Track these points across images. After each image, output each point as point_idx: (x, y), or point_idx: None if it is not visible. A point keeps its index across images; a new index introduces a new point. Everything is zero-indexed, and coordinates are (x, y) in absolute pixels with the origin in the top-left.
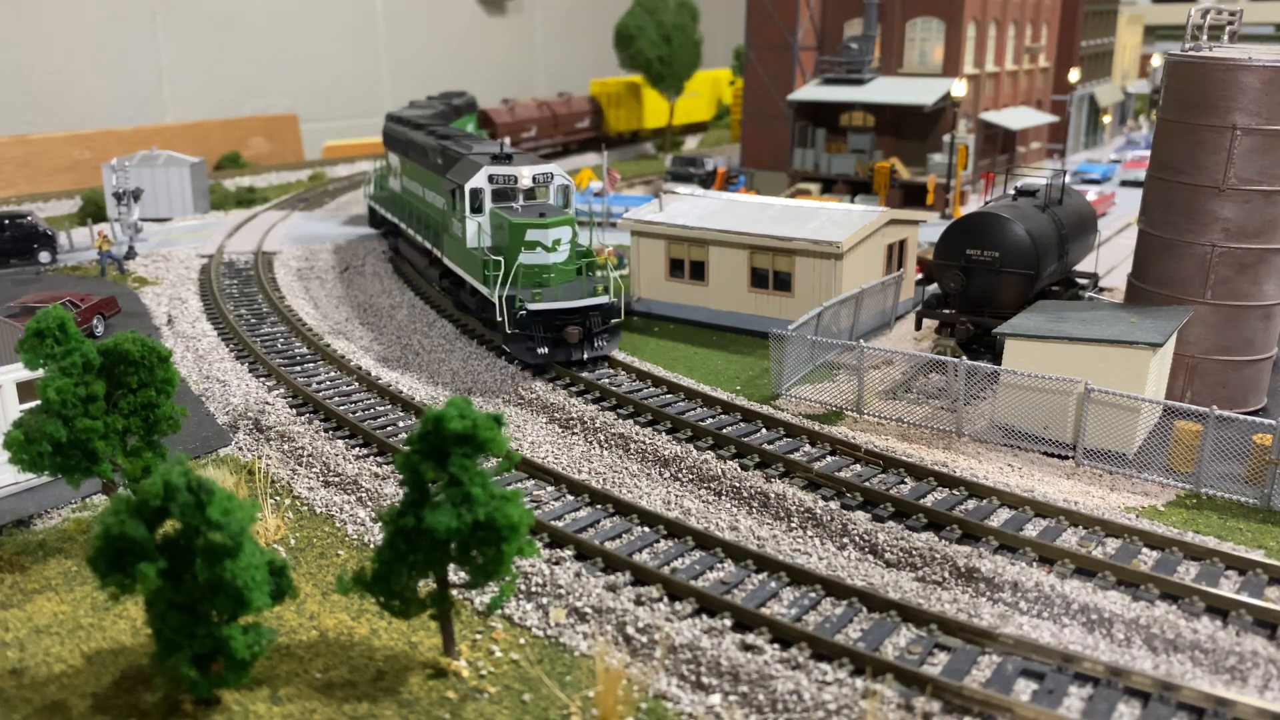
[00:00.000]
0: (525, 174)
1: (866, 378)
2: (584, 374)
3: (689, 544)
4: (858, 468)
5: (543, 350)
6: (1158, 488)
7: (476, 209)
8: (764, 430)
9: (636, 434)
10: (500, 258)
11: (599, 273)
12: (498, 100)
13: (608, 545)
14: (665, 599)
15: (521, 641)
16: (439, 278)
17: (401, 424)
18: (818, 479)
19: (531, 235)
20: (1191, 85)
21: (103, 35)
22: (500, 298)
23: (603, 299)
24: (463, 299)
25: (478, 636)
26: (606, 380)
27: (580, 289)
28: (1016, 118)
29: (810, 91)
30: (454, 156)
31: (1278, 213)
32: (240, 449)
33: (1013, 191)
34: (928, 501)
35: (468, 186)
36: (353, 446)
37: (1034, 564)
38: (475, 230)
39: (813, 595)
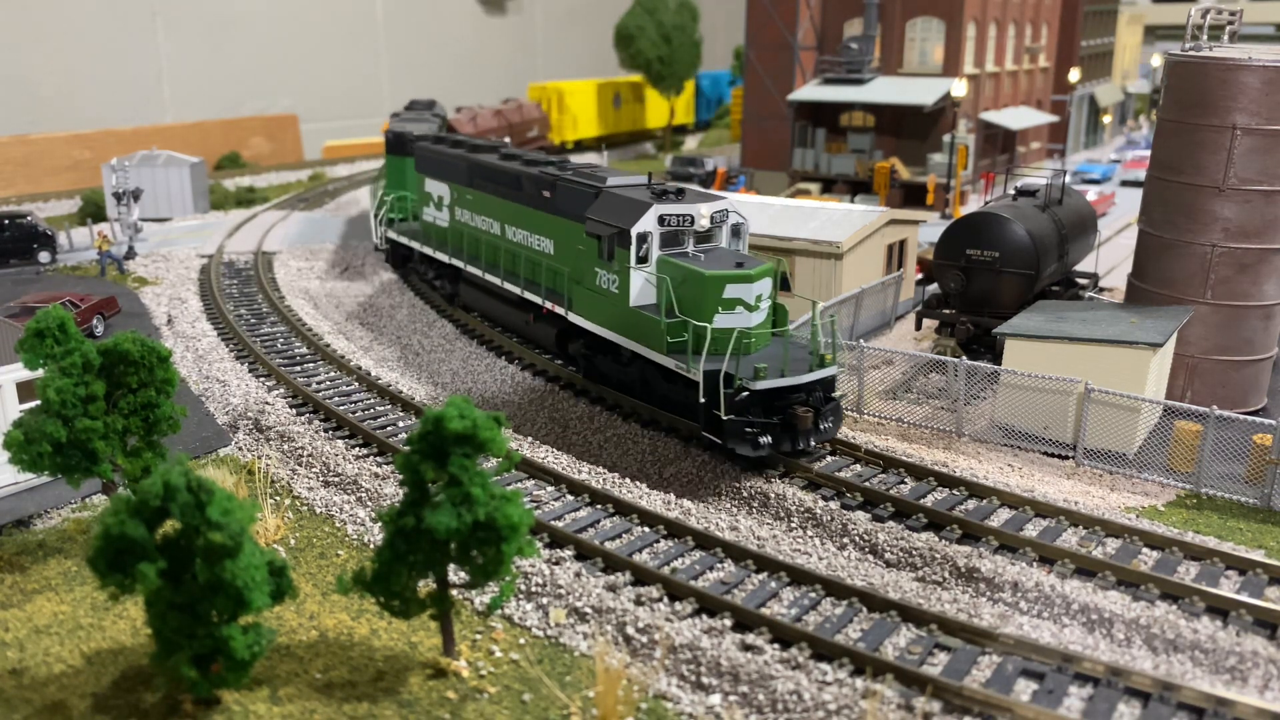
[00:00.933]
0: (703, 213)
1: (866, 378)
2: (580, 374)
3: (689, 544)
4: (858, 468)
5: (766, 439)
6: (1158, 488)
7: (643, 258)
8: None
9: (636, 434)
10: (687, 320)
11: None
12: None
13: (608, 545)
14: (665, 599)
15: (521, 641)
16: (557, 340)
17: (401, 424)
18: (818, 479)
19: (731, 291)
20: (1191, 85)
21: (103, 35)
22: (719, 375)
23: (832, 369)
24: (600, 366)
25: (478, 636)
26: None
27: (800, 358)
28: (1016, 118)
29: (810, 91)
30: (580, 190)
31: (1278, 213)
32: (240, 449)
33: (1013, 191)
34: (928, 501)
35: (634, 231)
36: (353, 446)
37: (1034, 564)
38: (642, 285)
39: (813, 595)
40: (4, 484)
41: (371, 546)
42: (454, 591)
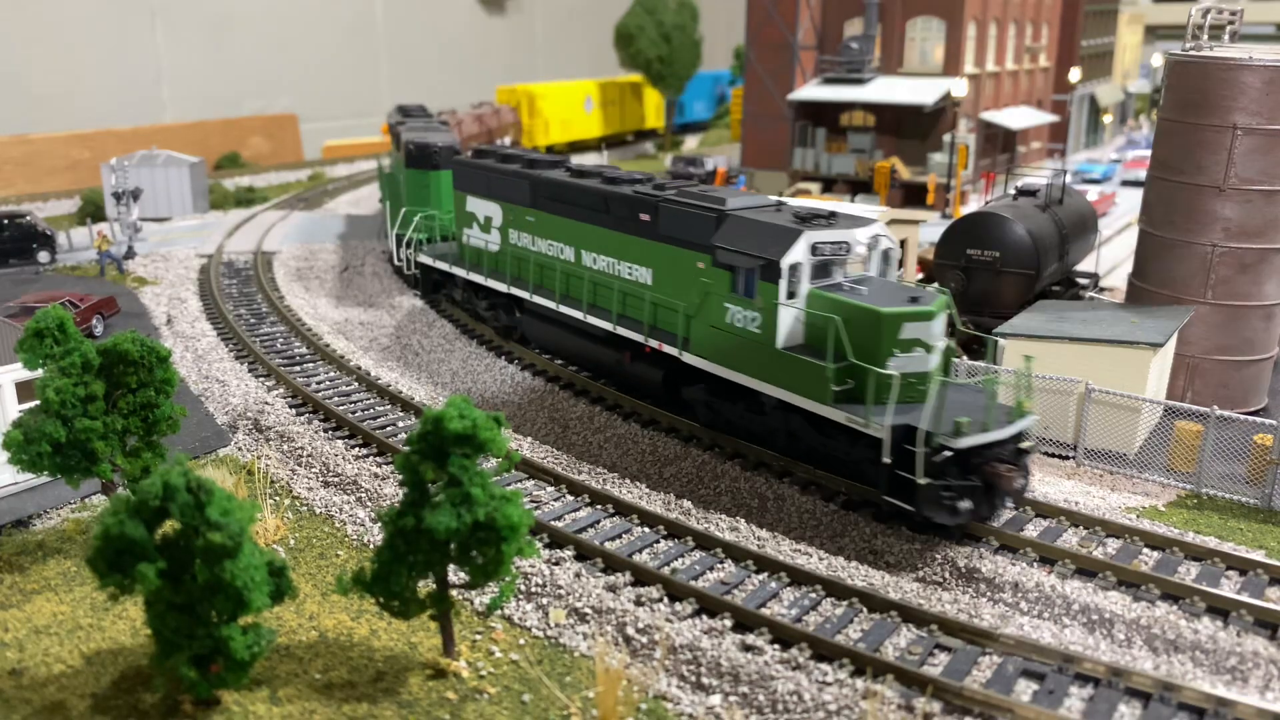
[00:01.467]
0: (859, 238)
1: None
2: (580, 374)
3: (689, 544)
4: None
5: (966, 504)
6: (1158, 488)
7: (793, 294)
8: None
9: (636, 434)
10: (865, 366)
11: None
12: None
13: (608, 546)
14: (665, 599)
15: (521, 642)
16: (664, 382)
17: (401, 424)
18: (817, 479)
19: (910, 331)
20: (1192, 85)
21: (102, 35)
22: (911, 432)
23: (1031, 417)
24: (727, 414)
25: (477, 637)
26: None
27: (999, 409)
28: (1017, 117)
29: (810, 91)
30: (694, 213)
31: (1278, 212)
32: (240, 449)
33: (1013, 191)
34: None
35: (785, 263)
36: (352, 446)
37: (1035, 564)
38: (791, 324)
39: (813, 596)
40: (4, 484)
41: (371, 547)
42: (454, 592)
